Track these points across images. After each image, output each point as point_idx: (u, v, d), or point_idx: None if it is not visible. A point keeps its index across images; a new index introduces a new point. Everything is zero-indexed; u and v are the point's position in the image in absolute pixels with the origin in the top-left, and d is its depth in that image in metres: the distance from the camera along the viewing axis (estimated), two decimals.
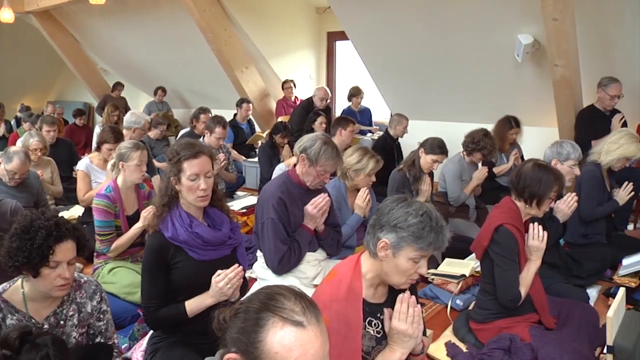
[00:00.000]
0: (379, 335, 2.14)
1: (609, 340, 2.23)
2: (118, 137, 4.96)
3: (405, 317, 2.05)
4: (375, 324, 2.14)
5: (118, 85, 11.12)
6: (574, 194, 3.78)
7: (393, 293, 2.18)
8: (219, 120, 5.69)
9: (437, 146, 4.75)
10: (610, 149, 4.30)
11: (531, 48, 6.02)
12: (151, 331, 2.75)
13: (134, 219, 3.89)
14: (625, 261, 4.00)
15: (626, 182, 4.37)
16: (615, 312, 2.25)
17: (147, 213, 3.67)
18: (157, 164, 6.13)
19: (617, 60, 5.87)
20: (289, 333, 1.33)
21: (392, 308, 2.10)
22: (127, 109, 10.39)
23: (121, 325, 3.39)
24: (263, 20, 8.86)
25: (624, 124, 5.68)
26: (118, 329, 3.22)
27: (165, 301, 2.52)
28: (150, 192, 4.14)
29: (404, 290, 2.15)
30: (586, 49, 5.79)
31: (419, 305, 2.11)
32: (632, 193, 4.37)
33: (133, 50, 10.44)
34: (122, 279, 3.69)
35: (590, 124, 5.64)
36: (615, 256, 4.18)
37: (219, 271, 2.46)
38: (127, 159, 3.85)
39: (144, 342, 2.78)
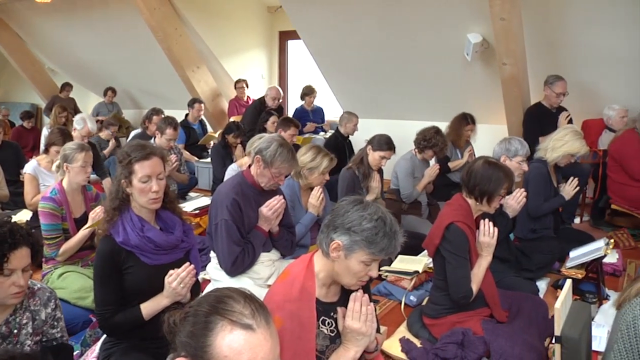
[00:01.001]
0: (332, 334, 2.15)
1: (557, 331, 2.28)
2: (66, 139, 4.85)
3: (358, 315, 2.06)
4: (328, 323, 2.15)
5: (66, 86, 10.86)
6: (522, 189, 3.86)
7: (346, 292, 2.18)
8: (169, 121, 5.63)
9: (384, 143, 4.79)
10: (556, 146, 4.41)
11: (480, 47, 6.13)
12: (103, 336, 2.69)
13: (82, 221, 3.80)
14: (572, 254, 4.09)
15: (572, 178, 4.49)
16: (562, 303, 2.31)
17: (94, 214, 3.62)
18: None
19: (563, 59, 6.03)
20: (238, 336, 1.32)
21: (345, 307, 2.11)
22: (76, 110, 10.18)
23: (72, 331, 3.30)
24: (214, 20, 8.79)
25: (570, 121, 5.84)
26: (69, 335, 3.15)
27: (120, 306, 2.48)
28: (98, 194, 4.06)
29: (357, 289, 2.16)
30: (533, 48, 5.93)
31: (371, 304, 2.12)
32: (578, 188, 4.50)
33: (82, 49, 10.21)
34: (73, 284, 3.59)
35: (538, 121, 5.79)
36: (563, 249, 4.27)
37: (171, 271, 2.44)
38: (71, 161, 3.76)
39: (96, 348, 2.72)
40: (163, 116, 6.70)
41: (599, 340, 3.34)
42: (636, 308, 2.15)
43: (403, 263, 4.21)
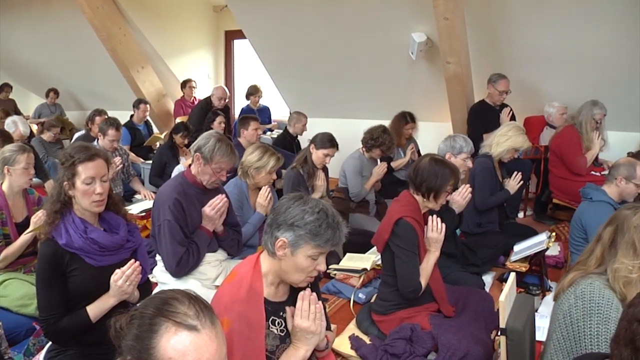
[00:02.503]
0: (282, 334, 2.14)
1: (502, 323, 2.32)
2: (7, 141, 4.70)
3: (307, 314, 2.06)
4: (278, 323, 2.14)
5: (5, 87, 10.51)
6: (467, 185, 3.93)
7: (295, 291, 2.18)
8: (111, 122, 5.52)
9: (327, 140, 4.80)
10: (500, 141, 4.53)
11: (424, 46, 6.21)
12: (48, 344, 2.62)
13: (23, 226, 3.67)
14: (516, 247, 4.19)
15: (515, 172, 4.60)
16: (506, 296, 2.35)
17: (36, 218, 3.51)
18: None
19: (505, 58, 6.16)
20: (183, 338, 1.31)
21: (294, 306, 2.10)
22: (16, 111, 9.86)
23: (15, 340, 3.21)
24: (159, 19, 8.67)
25: (513, 117, 5.98)
26: (12, 345, 3.05)
27: (65, 311, 2.41)
28: (41, 198, 3.94)
29: (305, 288, 2.16)
30: (476, 47, 6.05)
31: (320, 302, 2.12)
32: (522, 182, 4.61)
33: (21, 49, 9.92)
34: (15, 292, 3.47)
35: (481, 118, 5.90)
36: (508, 243, 4.37)
37: (116, 270, 2.39)
38: (12, 163, 3.64)
39: (40, 357, 2.65)
40: (106, 117, 6.56)
41: (543, 331, 3.41)
42: (571, 297, 2.23)
43: (351, 261, 4.24)
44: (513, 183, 4.57)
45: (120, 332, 1.39)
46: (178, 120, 7.59)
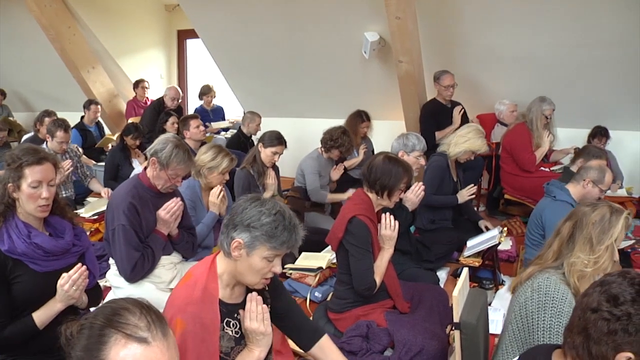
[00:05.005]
0: (237, 336, 2.13)
1: (456, 318, 2.36)
2: None
3: (255, 315, 2.06)
4: (233, 325, 2.13)
5: None
6: (420, 183, 3.97)
7: (250, 292, 2.16)
8: (59, 123, 5.37)
9: (274, 138, 4.79)
10: (459, 142, 4.56)
11: (377, 45, 6.26)
12: None
13: None
14: (469, 243, 4.25)
15: (472, 185, 4.63)
16: (459, 291, 2.39)
17: None
18: None
19: (457, 56, 6.25)
20: (133, 350, 1.28)
21: None
22: None
23: None
24: (109, 18, 8.51)
25: (464, 115, 6.08)
26: None
27: (10, 319, 2.33)
28: None
29: (260, 291, 2.15)
30: (428, 46, 6.12)
31: (265, 305, 2.12)
32: (473, 196, 4.65)
33: None
34: None
35: (433, 116, 5.97)
36: (461, 239, 4.44)
37: (63, 274, 2.33)
38: None
39: None
40: (55, 118, 6.41)
41: (496, 324, 3.50)
42: (527, 290, 2.30)
43: (307, 260, 4.24)
44: (465, 193, 4.61)
45: (71, 339, 1.35)
46: (130, 120, 7.46)
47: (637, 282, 1.43)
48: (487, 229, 4.65)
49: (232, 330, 2.12)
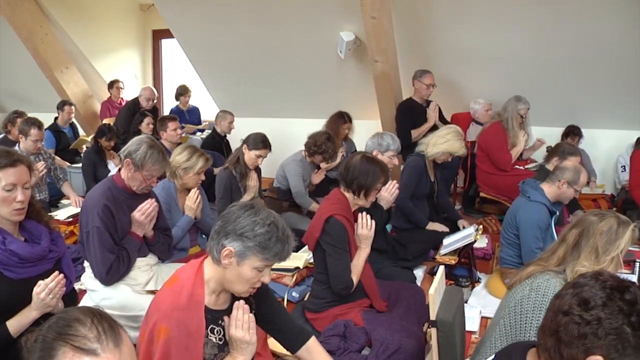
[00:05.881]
0: (221, 343, 2.12)
1: (432, 315, 2.37)
2: None
3: (241, 323, 2.04)
4: (217, 331, 2.11)
5: None
6: (394, 181, 3.95)
7: (235, 299, 2.15)
8: (32, 121, 5.26)
9: (259, 141, 4.77)
10: (437, 142, 4.55)
11: (353, 45, 6.28)
12: None
13: None
14: (445, 241, 4.28)
15: (447, 229, 4.61)
16: (436, 289, 2.40)
17: None
18: None
19: (432, 56, 6.30)
20: None
21: None
22: None
23: None
24: (83, 18, 8.39)
25: (440, 113, 6.12)
26: None
27: None
28: None
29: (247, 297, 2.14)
30: (404, 46, 6.15)
31: (252, 314, 2.11)
32: (446, 229, 4.61)
33: None
34: None
35: (409, 115, 6.00)
36: (437, 237, 4.46)
37: (39, 282, 2.28)
38: None
39: None
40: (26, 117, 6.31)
41: (472, 321, 3.54)
42: (525, 289, 2.33)
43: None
44: (437, 226, 4.62)
45: (28, 352, 1.32)
46: (105, 121, 7.38)
47: (609, 285, 1.44)
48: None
49: (216, 337, 2.10)
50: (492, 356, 1.76)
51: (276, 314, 2.38)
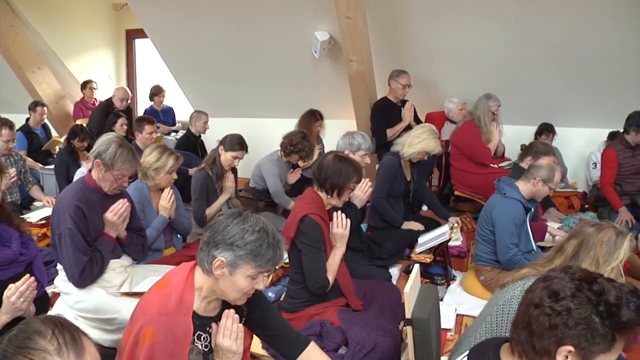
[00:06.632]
0: (206, 350, 2.09)
1: (407, 314, 2.38)
2: None
3: (229, 333, 2.02)
4: (204, 338, 2.08)
5: None
6: (367, 179, 3.95)
7: (225, 306, 2.13)
8: (3, 122, 5.17)
9: (236, 142, 4.74)
10: (413, 142, 4.58)
11: (327, 45, 6.29)
12: None
13: None
14: (420, 239, 4.31)
15: (422, 227, 4.63)
16: (411, 287, 2.41)
17: None
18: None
19: (406, 56, 6.33)
20: None
21: None
22: None
23: None
24: (55, 17, 8.30)
25: (415, 113, 6.15)
26: None
27: None
28: None
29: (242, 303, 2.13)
30: (378, 46, 6.18)
31: (241, 324, 2.09)
32: (421, 228, 4.62)
33: None
34: None
35: (384, 115, 6.03)
36: (412, 236, 4.49)
37: (10, 285, 2.26)
38: None
39: None
40: None
41: (448, 318, 3.57)
42: (517, 289, 2.36)
43: None
44: (412, 226, 4.63)
45: None
46: (78, 122, 7.30)
47: (578, 277, 1.48)
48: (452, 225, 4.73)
49: (201, 344, 2.08)
50: (467, 352, 1.78)
51: (270, 319, 2.33)
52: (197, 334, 2.05)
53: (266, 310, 2.34)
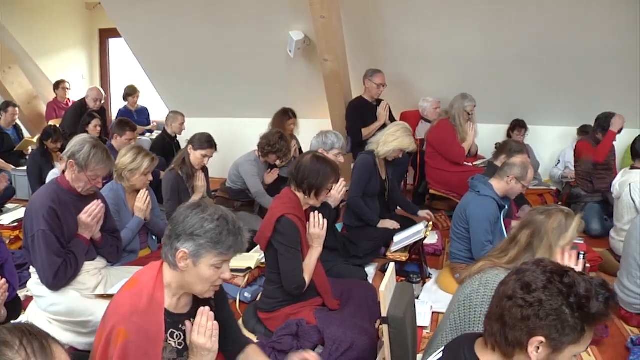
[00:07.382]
0: (180, 347, 2.08)
1: (383, 312, 2.40)
2: None
3: (204, 330, 2.01)
4: (177, 335, 2.07)
5: None
6: (342, 179, 3.96)
7: (197, 302, 2.13)
8: None
9: (205, 141, 4.74)
10: (388, 141, 4.60)
11: (302, 44, 6.30)
12: None
13: None
14: (396, 238, 4.32)
15: (398, 226, 4.67)
16: (386, 286, 2.43)
17: None
18: None
19: (381, 55, 6.37)
20: None
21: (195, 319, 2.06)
22: None
23: None
24: (27, 16, 8.19)
25: (390, 112, 6.18)
26: None
27: None
28: None
29: (207, 300, 2.13)
30: (353, 45, 6.20)
31: (216, 322, 2.07)
32: (397, 226, 4.66)
33: None
34: None
35: (359, 114, 6.05)
36: (388, 235, 4.51)
37: None
38: None
39: None
40: None
41: (424, 316, 3.59)
42: (475, 283, 2.39)
43: (235, 260, 4.15)
44: (388, 224, 4.66)
45: None
46: (51, 123, 7.21)
47: (549, 269, 1.52)
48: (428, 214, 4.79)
49: (175, 342, 2.07)
50: (442, 348, 1.81)
51: (228, 323, 2.34)
52: (169, 331, 2.04)
53: (228, 313, 2.38)
